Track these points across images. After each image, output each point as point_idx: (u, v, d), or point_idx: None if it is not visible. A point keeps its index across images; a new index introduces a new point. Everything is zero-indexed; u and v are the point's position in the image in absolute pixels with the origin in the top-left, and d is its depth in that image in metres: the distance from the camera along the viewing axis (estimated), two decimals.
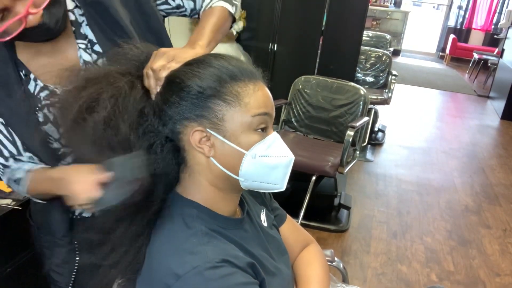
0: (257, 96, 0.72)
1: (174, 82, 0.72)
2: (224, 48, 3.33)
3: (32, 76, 0.91)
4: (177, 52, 0.77)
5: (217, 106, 0.70)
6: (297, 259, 0.98)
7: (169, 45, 1.04)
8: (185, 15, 1.12)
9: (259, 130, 0.72)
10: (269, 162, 0.73)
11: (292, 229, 1.00)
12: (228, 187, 0.76)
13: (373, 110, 3.81)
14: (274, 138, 0.75)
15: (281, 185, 0.77)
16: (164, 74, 0.74)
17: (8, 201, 1.22)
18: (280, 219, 0.98)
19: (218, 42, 0.96)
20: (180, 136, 0.73)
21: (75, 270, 1.04)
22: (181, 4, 1.08)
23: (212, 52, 0.79)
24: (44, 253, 1.05)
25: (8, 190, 1.26)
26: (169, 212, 0.75)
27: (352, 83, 2.86)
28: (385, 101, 3.87)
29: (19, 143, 0.91)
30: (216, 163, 0.73)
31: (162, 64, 0.74)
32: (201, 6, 1.07)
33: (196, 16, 1.10)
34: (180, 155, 0.75)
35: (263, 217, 0.90)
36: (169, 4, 1.07)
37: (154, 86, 0.74)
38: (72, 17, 0.93)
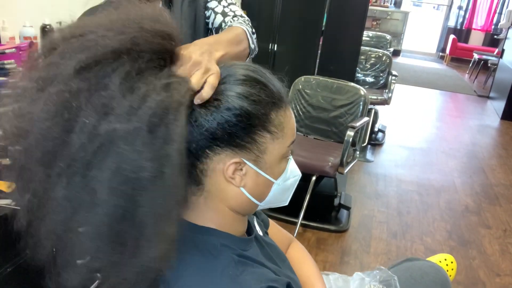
0: (291, 124, 0.67)
1: (214, 102, 0.61)
2: None
3: None
4: (207, 62, 0.64)
5: (262, 138, 0.63)
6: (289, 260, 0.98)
7: None
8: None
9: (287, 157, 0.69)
10: (286, 185, 0.72)
11: (276, 231, 0.98)
12: (247, 211, 0.71)
13: (373, 110, 3.81)
14: (292, 160, 0.72)
15: (286, 202, 0.76)
16: (208, 94, 0.61)
17: (8, 201, 1.21)
18: (266, 224, 0.95)
19: (230, 57, 0.92)
20: (204, 159, 0.63)
21: None
22: (213, 17, 1.23)
23: (246, 63, 0.68)
24: None
25: (8, 190, 1.26)
26: (184, 245, 0.64)
27: (352, 83, 2.85)
28: (385, 101, 3.88)
29: None
30: (245, 193, 0.66)
31: (201, 80, 0.61)
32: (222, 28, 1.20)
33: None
34: (195, 175, 0.65)
35: (257, 226, 0.86)
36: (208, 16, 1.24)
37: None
38: None
